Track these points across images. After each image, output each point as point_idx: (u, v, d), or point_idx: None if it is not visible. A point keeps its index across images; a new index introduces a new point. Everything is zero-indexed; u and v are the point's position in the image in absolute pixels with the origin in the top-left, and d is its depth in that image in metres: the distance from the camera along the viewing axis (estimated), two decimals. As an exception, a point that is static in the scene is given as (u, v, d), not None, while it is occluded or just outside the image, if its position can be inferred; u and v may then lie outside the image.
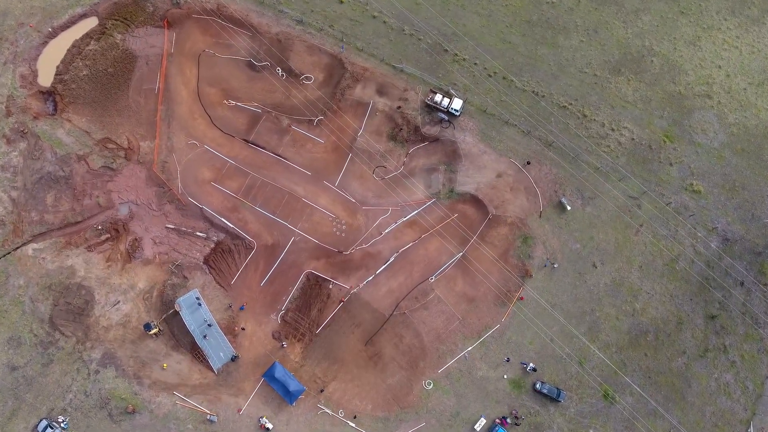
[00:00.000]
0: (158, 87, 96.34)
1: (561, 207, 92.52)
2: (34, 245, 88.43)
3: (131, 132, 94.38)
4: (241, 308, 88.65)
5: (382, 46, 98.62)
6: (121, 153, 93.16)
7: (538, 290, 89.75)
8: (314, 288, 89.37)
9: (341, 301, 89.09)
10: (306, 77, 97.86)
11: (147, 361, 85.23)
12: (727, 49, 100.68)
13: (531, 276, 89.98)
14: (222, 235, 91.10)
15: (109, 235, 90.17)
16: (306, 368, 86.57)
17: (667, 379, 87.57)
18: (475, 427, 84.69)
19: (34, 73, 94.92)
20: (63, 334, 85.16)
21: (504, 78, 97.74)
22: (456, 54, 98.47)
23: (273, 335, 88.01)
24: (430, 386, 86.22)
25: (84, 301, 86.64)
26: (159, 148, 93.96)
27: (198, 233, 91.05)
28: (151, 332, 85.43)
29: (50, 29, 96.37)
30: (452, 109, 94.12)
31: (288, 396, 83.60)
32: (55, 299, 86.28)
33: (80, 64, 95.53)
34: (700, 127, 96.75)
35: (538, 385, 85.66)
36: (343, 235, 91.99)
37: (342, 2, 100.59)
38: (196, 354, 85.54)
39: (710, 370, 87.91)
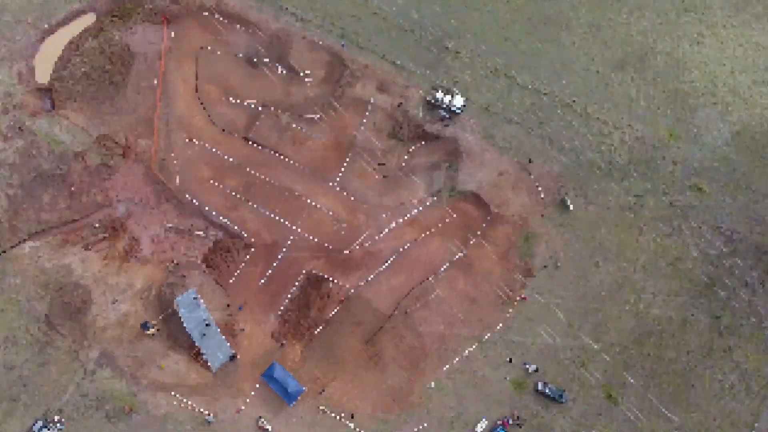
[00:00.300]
0: (157, 84, 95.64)
1: (563, 205, 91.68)
2: (31, 243, 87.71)
3: (129, 129, 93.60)
4: (240, 308, 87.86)
5: (383, 43, 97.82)
6: (119, 151, 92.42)
7: (541, 290, 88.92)
8: (314, 287, 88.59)
9: (341, 300, 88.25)
10: (306, 74, 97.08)
11: (144, 361, 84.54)
12: (732, 46, 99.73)
13: (533, 275, 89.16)
14: (220, 234, 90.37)
15: (106, 234, 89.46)
16: (305, 368, 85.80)
17: (670, 380, 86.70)
18: (477, 428, 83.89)
19: (32, 70, 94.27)
20: (59, 333, 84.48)
21: (506, 75, 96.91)
22: (458, 51, 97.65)
23: (272, 335, 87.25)
24: (431, 387, 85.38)
25: (81, 300, 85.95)
26: (157, 145, 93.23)
27: (196, 232, 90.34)
28: (148, 332, 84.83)
29: (47, 26, 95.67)
30: (454, 106, 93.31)
31: (287, 396, 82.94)
32: (51, 298, 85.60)
33: (78, 61, 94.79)
34: (704, 126, 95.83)
35: (540, 386, 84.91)
36: (343, 233, 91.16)
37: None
38: (194, 354, 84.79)
39: (714, 371, 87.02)
